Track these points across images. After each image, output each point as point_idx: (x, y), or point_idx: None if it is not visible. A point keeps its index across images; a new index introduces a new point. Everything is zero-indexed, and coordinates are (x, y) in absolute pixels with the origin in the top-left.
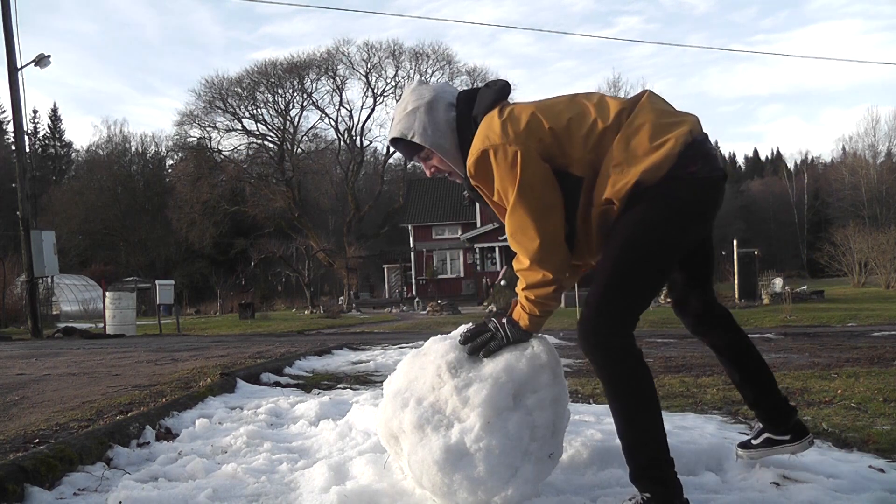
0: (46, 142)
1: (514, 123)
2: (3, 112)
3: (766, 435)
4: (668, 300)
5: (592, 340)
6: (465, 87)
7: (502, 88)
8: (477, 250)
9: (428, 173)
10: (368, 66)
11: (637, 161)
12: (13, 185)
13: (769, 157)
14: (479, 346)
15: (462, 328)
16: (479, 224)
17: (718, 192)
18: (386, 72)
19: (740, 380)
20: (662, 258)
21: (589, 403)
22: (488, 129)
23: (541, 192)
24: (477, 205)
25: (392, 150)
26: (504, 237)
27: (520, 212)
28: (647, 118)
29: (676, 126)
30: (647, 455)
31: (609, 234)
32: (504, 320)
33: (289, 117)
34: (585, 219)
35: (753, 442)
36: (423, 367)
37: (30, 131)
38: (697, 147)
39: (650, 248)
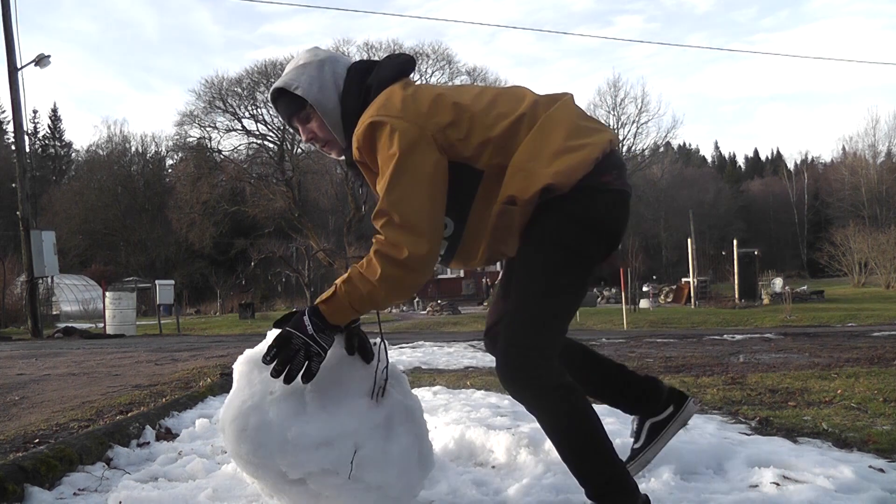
0: (46, 142)
1: (417, 102)
2: (3, 112)
3: (648, 423)
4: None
5: (521, 382)
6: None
7: (406, 62)
8: None
9: (304, 138)
10: None
11: (550, 161)
12: (13, 185)
13: (769, 157)
14: (290, 371)
15: (266, 340)
16: None
17: (627, 209)
18: None
19: (597, 383)
20: (577, 280)
21: None
22: (386, 100)
23: (432, 179)
24: (361, 189)
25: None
26: None
27: (400, 188)
28: (566, 116)
29: (595, 133)
30: (604, 476)
31: (518, 257)
32: (306, 318)
33: None
34: (480, 217)
35: (636, 445)
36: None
37: (30, 131)
38: (614, 158)
39: (565, 272)
